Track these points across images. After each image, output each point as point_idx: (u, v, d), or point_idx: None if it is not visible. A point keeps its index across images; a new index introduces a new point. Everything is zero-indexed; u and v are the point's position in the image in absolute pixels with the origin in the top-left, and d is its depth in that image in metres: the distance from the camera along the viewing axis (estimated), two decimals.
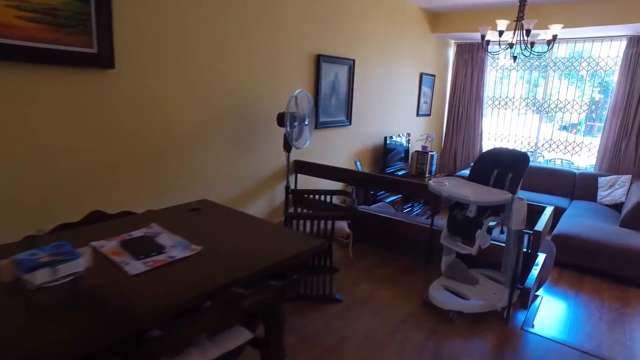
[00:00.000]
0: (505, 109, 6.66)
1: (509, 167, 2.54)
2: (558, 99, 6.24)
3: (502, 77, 6.83)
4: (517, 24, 4.08)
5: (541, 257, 2.63)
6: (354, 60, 4.44)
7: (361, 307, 2.78)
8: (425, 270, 3.37)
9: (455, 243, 2.51)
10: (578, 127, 9.55)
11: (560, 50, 6.17)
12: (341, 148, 4.57)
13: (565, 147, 6.40)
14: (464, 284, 2.68)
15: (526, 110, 6.48)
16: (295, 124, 3.31)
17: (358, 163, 4.47)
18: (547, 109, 6.32)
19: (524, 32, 3.99)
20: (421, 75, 5.94)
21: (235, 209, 2.19)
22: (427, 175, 5.87)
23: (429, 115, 6.44)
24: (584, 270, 4.22)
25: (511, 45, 4.37)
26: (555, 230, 4.33)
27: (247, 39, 3.31)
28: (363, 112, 4.83)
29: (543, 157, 7.18)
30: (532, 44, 4.24)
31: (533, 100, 6.36)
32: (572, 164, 6.65)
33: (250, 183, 3.57)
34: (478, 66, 6.62)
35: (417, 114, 6.07)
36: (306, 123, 3.37)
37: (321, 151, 4.29)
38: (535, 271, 2.58)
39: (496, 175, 2.59)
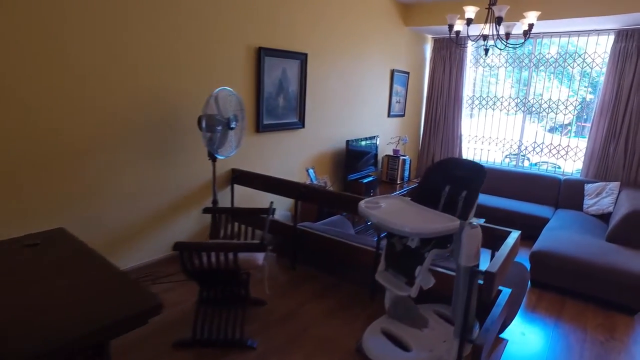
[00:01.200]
0: (494, 109, 6.15)
1: (462, 184, 2.02)
2: (550, 98, 5.74)
3: (489, 76, 6.34)
4: (489, 11, 3.57)
5: (504, 296, 2.12)
6: (306, 55, 3.90)
7: (280, 356, 2.22)
8: (371, 302, 2.83)
9: (392, 281, 1.98)
10: (569, 127, 9.04)
11: (552, 49, 5.67)
12: (292, 154, 4.04)
13: (550, 151, 5.90)
14: (409, 328, 2.15)
15: (516, 111, 5.97)
16: (219, 128, 2.77)
17: (311, 171, 3.94)
18: (538, 110, 5.81)
19: (496, 20, 3.47)
20: (392, 72, 5.42)
21: (88, 246, 1.65)
22: (398, 182, 5.35)
23: (403, 115, 5.92)
24: (565, 292, 3.73)
25: (485, 38, 3.85)
26: (535, 246, 3.82)
27: (166, 29, 2.76)
28: (320, 113, 4.30)
29: (529, 160, 6.68)
30: (508, 35, 3.72)
31: (524, 101, 5.86)
32: (559, 168, 6.16)
33: (170, 198, 3.03)
34: (457, 63, 6.11)
35: (389, 115, 5.55)
36: (232, 126, 2.83)
37: (266, 158, 3.76)
38: (495, 312, 2.06)
39: (448, 194, 2.06)
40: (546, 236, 4.08)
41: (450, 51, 6.14)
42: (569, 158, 5.79)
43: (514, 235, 2.11)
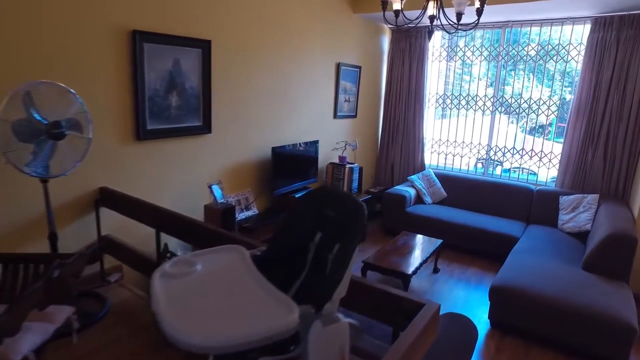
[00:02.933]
0: (467, 109, 5.42)
1: (336, 231, 1.26)
2: (531, 97, 5.02)
3: (463, 73, 5.62)
4: None
5: None
6: (209, 42, 3.11)
7: None
8: None
9: None
10: (549, 128, 8.37)
11: (524, 38, 4.96)
12: (196, 166, 3.24)
13: (522, 157, 5.19)
14: None
15: (492, 111, 5.26)
16: (42, 137, 1.97)
17: (215, 187, 3.14)
18: (517, 110, 5.09)
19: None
20: (339, 66, 4.65)
21: None
22: None
23: (354, 116, 5.16)
24: (531, 338, 3.02)
25: (432, 19, 3.10)
26: (496, 279, 3.10)
27: None
28: (236, 114, 3.51)
29: (502, 165, 5.98)
30: (459, 16, 2.99)
31: (500, 100, 5.14)
32: (534, 175, 5.46)
33: None
34: (417, 56, 5.37)
35: (335, 116, 4.78)
36: (64, 133, 2.03)
37: (156, 172, 2.96)
38: None
39: (318, 246, 1.30)
40: (512, 263, 3.35)
41: (410, 43, 5.40)
42: (542, 165, 5.08)
43: (430, 310, 1.35)
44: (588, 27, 4.38)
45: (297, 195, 3.91)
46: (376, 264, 3.37)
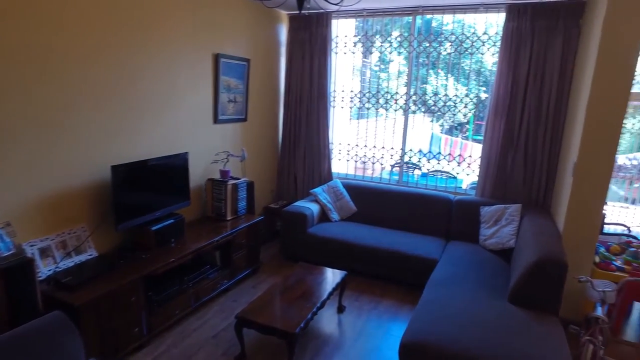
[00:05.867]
0: (387, 109, 4.73)
1: None
2: (446, 94, 4.42)
3: (380, 71, 4.94)
4: None
5: None
6: None
7: None
8: None
9: None
10: (467, 126, 7.96)
11: (435, 25, 4.35)
12: None
13: (439, 161, 4.62)
14: None
15: (405, 111, 4.61)
16: None
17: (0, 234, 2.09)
18: (433, 109, 4.48)
19: None
20: (217, 58, 3.72)
21: None
22: (228, 217, 3.68)
23: (244, 119, 4.25)
24: None
25: None
26: (407, 334, 2.36)
27: None
28: (51, 122, 2.47)
29: (420, 169, 5.41)
30: None
31: (419, 98, 4.50)
32: (454, 179, 4.94)
33: None
34: (319, 48, 4.59)
35: (216, 120, 3.85)
36: None
37: None
38: None
39: None
40: (427, 304, 2.65)
41: (310, 32, 4.61)
42: (462, 171, 4.54)
43: None
44: (503, 15, 3.86)
45: (155, 228, 2.93)
46: (252, 319, 2.50)
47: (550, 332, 2.37)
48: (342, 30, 4.77)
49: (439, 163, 4.62)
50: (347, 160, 5.00)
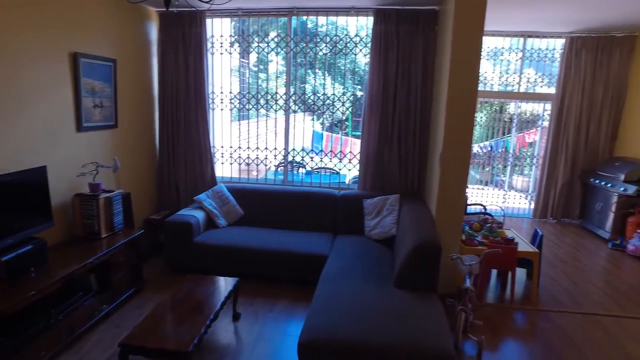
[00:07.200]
0: (267, 109, 4.66)
1: None
2: (325, 93, 4.52)
3: (259, 71, 4.83)
4: None
5: None
6: None
7: None
8: None
9: None
10: (346, 123, 8.24)
11: (309, 27, 4.44)
12: None
13: (322, 159, 4.78)
14: None
15: (286, 110, 4.61)
16: None
17: None
18: (312, 107, 4.57)
19: None
20: (76, 57, 3.31)
21: None
22: (103, 235, 3.31)
23: (114, 126, 3.87)
24: None
25: None
26: (305, 332, 2.36)
27: None
28: None
29: (305, 167, 5.52)
30: None
31: (303, 97, 4.52)
32: (337, 174, 5.14)
33: None
34: (194, 47, 4.38)
35: (80, 128, 3.43)
36: None
37: None
38: None
39: None
40: (320, 300, 2.70)
41: (184, 31, 4.37)
42: (344, 167, 4.76)
43: None
44: (372, 19, 4.12)
45: (5, 258, 2.49)
46: (139, 344, 2.28)
47: (432, 308, 2.60)
48: (218, 30, 4.63)
49: (321, 160, 4.77)
50: (231, 164, 4.88)
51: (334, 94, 4.48)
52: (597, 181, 5.35)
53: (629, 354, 2.85)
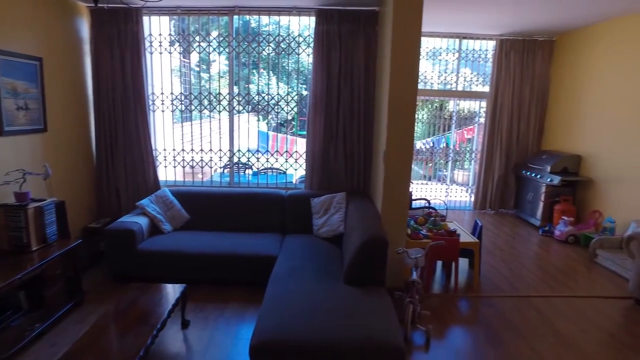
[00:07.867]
0: (211, 110, 4.53)
1: None
2: (269, 93, 4.46)
3: (202, 71, 4.66)
4: None
5: None
6: None
7: None
8: None
9: None
10: (292, 122, 8.20)
11: (252, 26, 4.38)
12: None
13: (268, 159, 4.74)
14: None
15: (229, 111, 4.51)
16: None
17: None
18: (257, 107, 4.51)
19: None
20: None
21: None
22: (34, 247, 3.08)
23: (42, 130, 3.61)
24: None
25: None
26: (256, 334, 2.33)
27: None
28: None
29: (252, 168, 5.45)
30: None
31: (247, 98, 4.44)
32: (284, 174, 5.12)
33: None
34: (131, 46, 4.18)
35: (1, 133, 3.16)
36: None
37: None
38: None
39: None
40: (271, 300, 2.68)
41: (119, 29, 4.16)
42: (290, 167, 4.75)
43: None
44: (314, 19, 4.14)
45: None
46: None
47: (380, 302, 2.66)
48: (157, 28, 4.45)
49: (267, 161, 4.74)
50: (175, 167, 4.73)
51: (279, 94, 4.47)
52: (528, 173, 5.74)
53: (558, 330, 3.09)
